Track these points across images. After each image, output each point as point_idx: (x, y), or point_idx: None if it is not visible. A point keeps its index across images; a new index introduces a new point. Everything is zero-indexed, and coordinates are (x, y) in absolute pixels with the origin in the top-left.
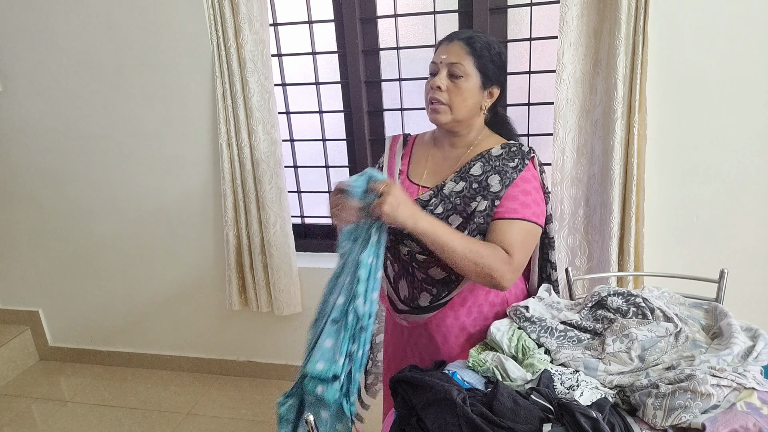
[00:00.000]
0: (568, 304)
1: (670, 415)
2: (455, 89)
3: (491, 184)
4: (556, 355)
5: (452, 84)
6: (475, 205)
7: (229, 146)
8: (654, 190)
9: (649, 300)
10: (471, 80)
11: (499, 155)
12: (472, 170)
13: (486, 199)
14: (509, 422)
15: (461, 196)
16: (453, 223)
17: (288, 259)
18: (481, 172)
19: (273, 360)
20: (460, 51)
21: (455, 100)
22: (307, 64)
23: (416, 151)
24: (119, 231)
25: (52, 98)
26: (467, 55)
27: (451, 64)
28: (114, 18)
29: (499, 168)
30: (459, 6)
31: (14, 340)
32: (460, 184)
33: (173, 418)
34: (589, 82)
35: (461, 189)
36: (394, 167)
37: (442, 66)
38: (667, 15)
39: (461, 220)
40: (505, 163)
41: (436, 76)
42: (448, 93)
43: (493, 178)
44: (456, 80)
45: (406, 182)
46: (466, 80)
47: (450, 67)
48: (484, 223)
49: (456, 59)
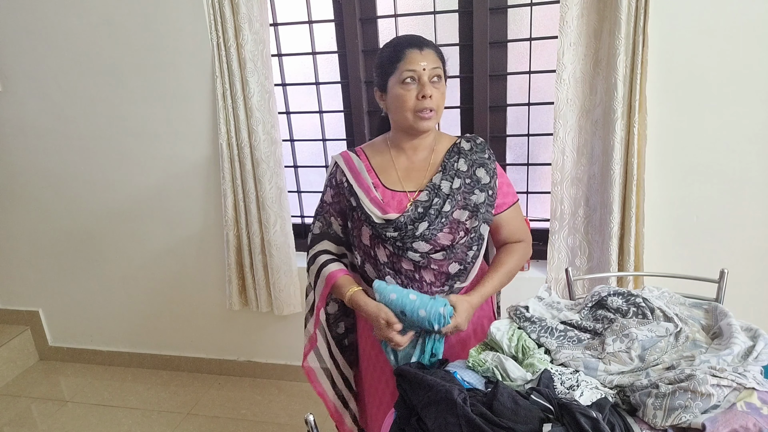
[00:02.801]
0: (568, 304)
1: (670, 415)
2: (439, 94)
3: (480, 177)
4: (556, 355)
5: (436, 89)
6: (475, 198)
7: (229, 146)
8: (654, 190)
9: (649, 300)
10: (443, 83)
11: (471, 149)
12: (459, 166)
13: (483, 191)
14: (509, 422)
15: (461, 192)
16: (461, 217)
17: (288, 259)
18: (467, 167)
19: (273, 360)
20: (434, 57)
21: (440, 104)
22: (307, 64)
23: (376, 163)
24: (119, 231)
25: (52, 98)
26: (439, 60)
27: (434, 69)
28: (114, 18)
29: (479, 161)
30: (459, 6)
31: (14, 340)
32: (456, 180)
33: (173, 418)
34: (589, 82)
35: (459, 185)
36: (365, 182)
37: (425, 73)
38: (667, 15)
39: (468, 213)
40: (481, 156)
41: (420, 85)
42: (434, 99)
43: (480, 170)
44: (437, 84)
45: (388, 192)
46: (444, 85)
47: (432, 73)
48: (486, 212)
49: (435, 64)
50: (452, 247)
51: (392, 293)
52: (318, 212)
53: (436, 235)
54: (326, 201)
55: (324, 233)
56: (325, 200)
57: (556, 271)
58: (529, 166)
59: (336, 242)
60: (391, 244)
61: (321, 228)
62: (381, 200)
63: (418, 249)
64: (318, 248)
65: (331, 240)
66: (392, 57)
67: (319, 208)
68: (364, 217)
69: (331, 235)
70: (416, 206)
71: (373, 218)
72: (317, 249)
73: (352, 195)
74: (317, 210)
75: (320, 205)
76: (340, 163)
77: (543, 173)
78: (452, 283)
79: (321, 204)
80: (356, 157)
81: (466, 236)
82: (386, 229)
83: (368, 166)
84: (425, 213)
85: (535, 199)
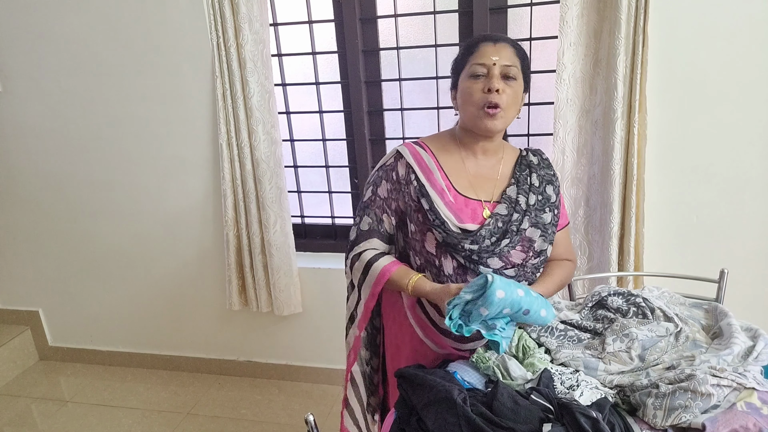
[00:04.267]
0: (568, 304)
1: (670, 415)
2: (511, 92)
3: (549, 195)
4: (556, 354)
5: (507, 86)
6: (545, 217)
7: (229, 146)
8: (654, 190)
9: (649, 300)
10: (519, 84)
11: (539, 164)
12: (532, 181)
13: (551, 210)
14: (509, 422)
15: (534, 209)
16: (533, 236)
17: (288, 259)
18: (539, 183)
19: (273, 360)
20: (510, 53)
21: (510, 104)
22: (307, 64)
23: (444, 162)
24: (119, 231)
25: (52, 98)
26: (516, 58)
27: (506, 66)
28: (114, 18)
29: (547, 178)
30: (459, 6)
31: (14, 340)
32: (532, 196)
33: (173, 418)
34: (589, 82)
35: (534, 202)
36: (438, 183)
37: (495, 68)
38: (667, 15)
39: (540, 232)
40: (548, 172)
41: (487, 78)
42: (504, 96)
43: (549, 188)
44: (510, 82)
45: (460, 198)
46: (519, 84)
47: (504, 69)
48: (552, 233)
49: (509, 61)
50: (523, 266)
51: (500, 290)
52: (366, 206)
53: (509, 252)
54: (380, 195)
55: (373, 230)
56: (379, 194)
57: None
58: None
59: (387, 241)
60: (464, 257)
61: (370, 224)
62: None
63: (490, 264)
64: (364, 246)
65: (382, 239)
66: (465, 51)
67: (368, 201)
68: (438, 223)
69: (381, 233)
70: (496, 219)
71: (450, 225)
72: (364, 247)
73: (423, 196)
74: (365, 203)
75: (370, 199)
76: (407, 156)
77: None
78: None
79: (372, 198)
80: (424, 152)
81: (537, 258)
82: (463, 241)
83: (437, 164)
84: (506, 228)
85: None
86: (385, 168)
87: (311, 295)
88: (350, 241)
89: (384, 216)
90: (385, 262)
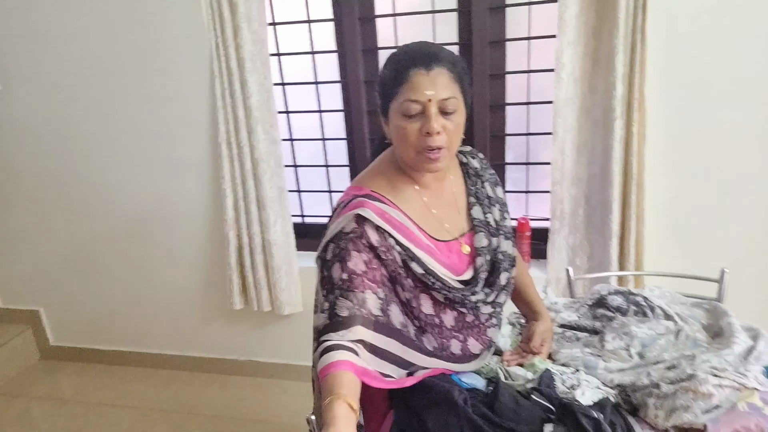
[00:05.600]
0: (566, 303)
1: (671, 415)
2: (452, 126)
3: (500, 197)
4: (556, 355)
5: (448, 122)
6: (508, 224)
7: (229, 146)
8: (654, 189)
9: (649, 299)
10: (461, 111)
11: (482, 167)
12: (487, 192)
13: (507, 213)
14: (511, 423)
15: (502, 223)
16: (506, 248)
17: (289, 259)
18: (491, 189)
19: (274, 359)
20: (447, 80)
21: (453, 139)
22: (306, 63)
23: (409, 210)
24: (119, 230)
25: (51, 98)
26: (454, 83)
27: (443, 100)
28: (113, 18)
29: (492, 180)
30: (458, 5)
31: (15, 339)
32: (494, 209)
33: (173, 417)
34: (588, 81)
35: (498, 216)
36: (420, 240)
37: (431, 104)
38: (666, 14)
39: (511, 243)
40: (490, 173)
41: (424, 117)
42: (444, 134)
43: (498, 190)
44: (450, 117)
45: (442, 245)
46: (460, 114)
47: (442, 105)
48: (514, 236)
49: (447, 92)
50: (507, 286)
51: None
52: (341, 289)
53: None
54: (356, 271)
55: (355, 316)
56: (353, 270)
57: (556, 270)
58: (529, 166)
59: (373, 328)
60: (468, 307)
61: (351, 310)
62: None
63: (493, 293)
64: (345, 335)
65: (367, 325)
66: (394, 78)
67: (342, 284)
68: (439, 286)
69: (365, 317)
70: (484, 255)
71: (449, 282)
72: (349, 337)
73: (412, 260)
74: (338, 286)
75: (347, 281)
76: (374, 219)
77: (543, 172)
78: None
79: (344, 277)
80: (387, 207)
81: (513, 268)
82: (466, 294)
83: (406, 216)
84: (496, 260)
85: (535, 198)
86: (348, 237)
87: (312, 295)
88: (318, 330)
89: (367, 294)
90: (339, 357)
